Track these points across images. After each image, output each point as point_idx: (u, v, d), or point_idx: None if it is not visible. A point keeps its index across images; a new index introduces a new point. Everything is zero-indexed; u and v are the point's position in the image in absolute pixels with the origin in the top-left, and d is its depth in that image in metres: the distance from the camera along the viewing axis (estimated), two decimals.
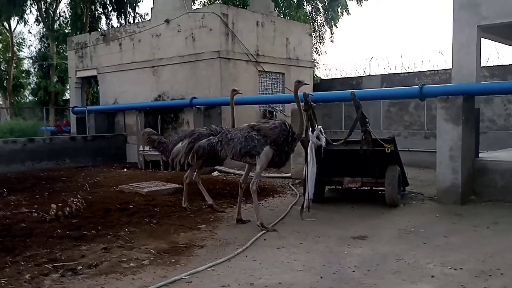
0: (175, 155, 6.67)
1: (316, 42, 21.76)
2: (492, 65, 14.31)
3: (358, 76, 17.77)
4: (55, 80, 24.89)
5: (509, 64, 13.83)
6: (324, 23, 22.50)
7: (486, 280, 3.98)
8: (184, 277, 4.10)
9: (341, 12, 22.18)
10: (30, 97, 30.02)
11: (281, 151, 5.83)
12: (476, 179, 7.64)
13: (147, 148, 12.77)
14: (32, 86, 29.68)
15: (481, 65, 8.15)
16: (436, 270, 4.25)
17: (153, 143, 7.07)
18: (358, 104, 7.08)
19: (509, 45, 10.36)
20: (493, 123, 14.03)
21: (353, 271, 4.27)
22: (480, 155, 8.05)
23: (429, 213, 6.78)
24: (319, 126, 6.63)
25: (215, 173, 11.56)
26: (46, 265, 4.46)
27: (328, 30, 22.42)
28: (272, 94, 14.23)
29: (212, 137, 6.29)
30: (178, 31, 13.48)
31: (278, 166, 6.20)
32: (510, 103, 13.68)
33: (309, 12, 22.29)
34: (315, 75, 18.67)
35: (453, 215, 6.52)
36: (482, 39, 7.86)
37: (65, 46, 21.64)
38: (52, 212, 6.37)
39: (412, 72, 16.28)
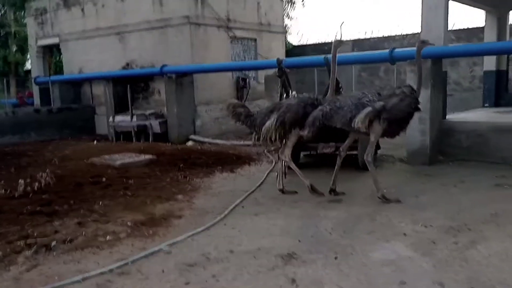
0: (266, 133, 5.74)
1: (288, 6, 21.40)
2: (458, 28, 14.55)
3: (330, 42, 17.64)
4: (15, 49, 23.57)
5: (474, 28, 14.10)
6: None
7: (455, 236, 4.18)
8: (163, 248, 4.09)
9: None
10: None
11: (402, 122, 5.43)
12: (444, 140, 7.88)
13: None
14: None
15: (448, 28, 8.26)
16: (407, 228, 4.42)
17: (239, 117, 5.97)
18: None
19: (475, 7, 10.51)
20: (459, 85, 14.41)
21: (330, 233, 4.38)
22: (447, 116, 8.30)
23: (400, 174, 7.00)
24: (293, 92, 6.61)
25: (190, 143, 11.45)
26: (18, 242, 4.34)
27: None
28: (245, 60, 14.00)
29: (321, 106, 5.56)
30: None
31: (392, 136, 5.71)
32: (475, 65, 14.05)
33: None
34: (287, 41, 18.46)
35: (422, 176, 6.75)
36: (450, 1, 7.93)
37: (23, 12, 20.38)
38: (21, 188, 6.16)
39: (382, 37, 16.36)
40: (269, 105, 6.17)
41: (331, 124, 5.48)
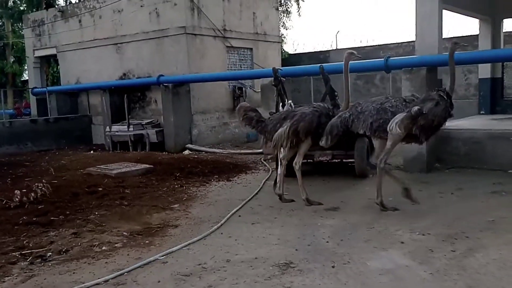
0: (277, 140, 5.71)
1: (283, 16, 21.56)
2: (452, 36, 14.66)
3: (325, 50, 17.82)
4: (12, 60, 23.65)
5: (469, 35, 14.22)
6: None
7: (453, 244, 4.15)
8: (159, 258, 4.06)
9: None
10: None
11: (436, 128, 5.21)
12: (440, 147, 7.89)
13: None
14: None
15: (443, 36, 8.34)
16: (405, 237, 4.40)
17: (251, 121, 5.92)
18: (327, 77, 7.08)
19: (468, 15, 10.62)
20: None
21: (327, 242, 4.36)
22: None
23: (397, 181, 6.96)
24: (289, 101, 6.62)
25: (187, 152, 11.45)
26: (13, 253, 4.32)
27: (295, 4, 22.22)
28: (241, 70, 14.07)
29: (341, 113, 5.48)
30: (141, 6, 12.98)
31: (421, 142, 5.54)
32: (470, 73, 14.15)
33: None
34: (283, 50, 18.57)
35: (419, 183, 6.73)
36: (444, 10, 8.02)
37: (21, 24, 20.48)
38: (17, 198, 6.12)
39: (377, 45, 16.49)
40: (282, 112, 6.15)
41: (353, 130, 5.39)
